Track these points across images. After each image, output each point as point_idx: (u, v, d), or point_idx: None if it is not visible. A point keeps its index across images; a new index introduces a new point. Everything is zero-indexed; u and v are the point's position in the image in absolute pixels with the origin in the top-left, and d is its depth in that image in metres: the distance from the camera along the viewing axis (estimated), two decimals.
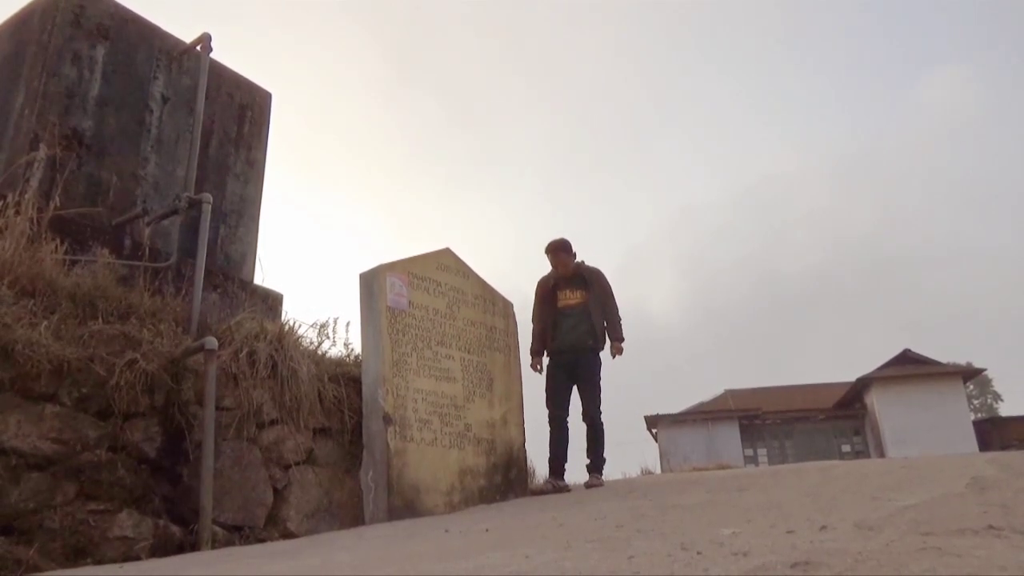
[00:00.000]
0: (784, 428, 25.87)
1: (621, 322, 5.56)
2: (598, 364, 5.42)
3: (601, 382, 5.40)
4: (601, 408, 5.33)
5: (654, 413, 25.61)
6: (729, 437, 24.24)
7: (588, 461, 5.30)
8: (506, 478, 5.00)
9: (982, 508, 1.53)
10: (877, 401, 23.94)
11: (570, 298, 5.58)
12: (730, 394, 28.08)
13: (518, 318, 5.53)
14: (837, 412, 26.25)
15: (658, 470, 17.20)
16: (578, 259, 5.77)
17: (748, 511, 1.89)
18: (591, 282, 5.57)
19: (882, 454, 22.72)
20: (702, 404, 27.44)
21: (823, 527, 1.44)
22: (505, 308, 5.45)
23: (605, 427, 5.39)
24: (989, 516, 1.39)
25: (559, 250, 5.65)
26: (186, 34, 5.69)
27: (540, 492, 5.01)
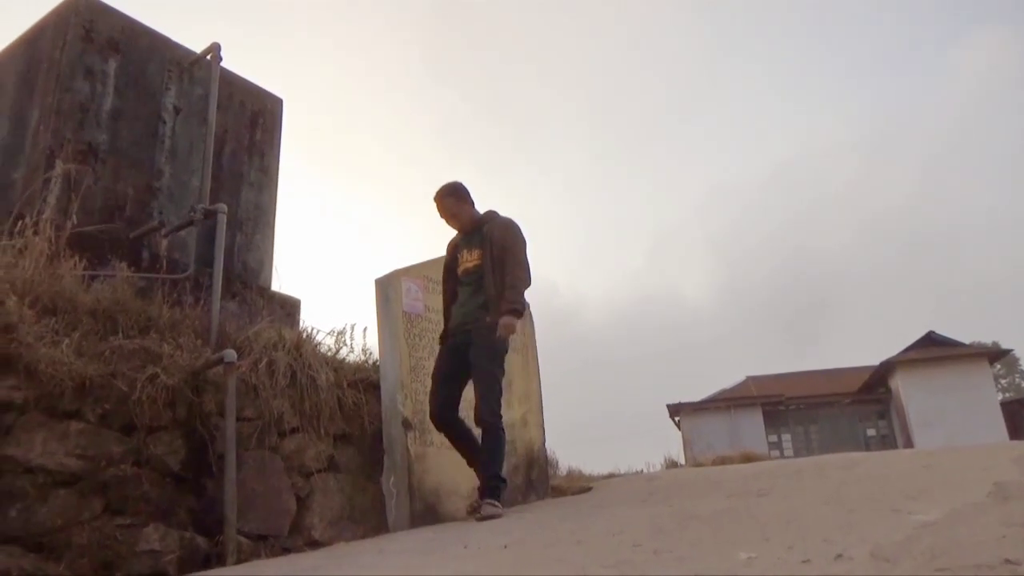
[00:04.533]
0: (808, 414, 25.71)
1: (520, 288, 4.02)
2: (494, 347, 3.99)
3: (498, 370, 4.01)
4: (499, 407, 3.96)
5: (676, 401, 25.58)
6: (752, 424, 24.14)
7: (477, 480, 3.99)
8: (527, 478, 5.01)
9: (1001, 530, 1.50)
10: (902, 384, 23.71)
11: (467, 260, 4.23)
12: (752, 381, 27.94)
13: (534, 318, 5.52)
14: (861, 396, 26.04)
15: (682, 459, 17.17)
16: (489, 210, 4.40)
17: (766, 525, 1.88)
18: (488, 236, 4.16)
19: (908, 438, 22.53)
20: (724, 391, 27.34)
21: (839, 556, 1.41)
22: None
23: (505, 433, 4.07)
24: (1007, 543, 1.36)
25: (445, 196, 4.27)
26: (197, 43, 5.73)
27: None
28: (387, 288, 4.63)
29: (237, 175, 5.84)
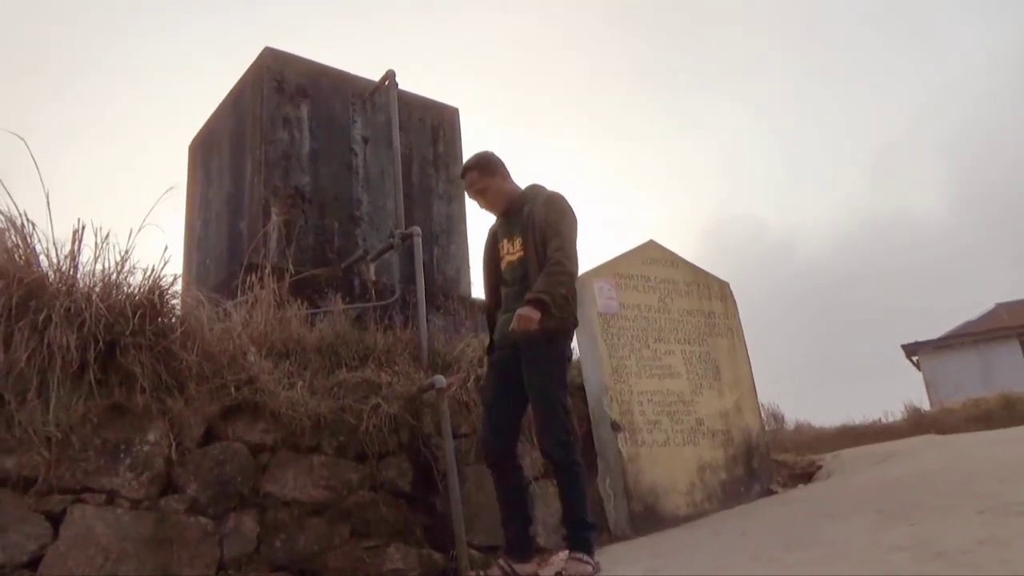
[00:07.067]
0: None
1: (557, 273, 3.17)
2: (548, 361, 3.26)
3: (559, 390, 3.24)
4: (567, 434, 3.20)
5: (912, 340, 23.24)
6: (1009, 359, 21.20)
7: (564, 529, 3.29)
8: (748, 467, 4.80)
9: None
10: None
11: (508, 252, 3.47)
12: (1003, 308, 24.57)
13: (736, 299, 5.23)
14: None
15: (926, 405, 15.74)
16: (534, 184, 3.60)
17: None
18: (529, 217, 3.36)
19: None
20: (969, 323, 24.32)
21: None
22: (722, 290, 5.18)
23: (583, 466, 3.25)
24: None
25: (469, 170, 3.57)
26: (373, 70, 6.01)
27: None
28: (579, 291, 4.60)
29: (427, 190, 6.09)
